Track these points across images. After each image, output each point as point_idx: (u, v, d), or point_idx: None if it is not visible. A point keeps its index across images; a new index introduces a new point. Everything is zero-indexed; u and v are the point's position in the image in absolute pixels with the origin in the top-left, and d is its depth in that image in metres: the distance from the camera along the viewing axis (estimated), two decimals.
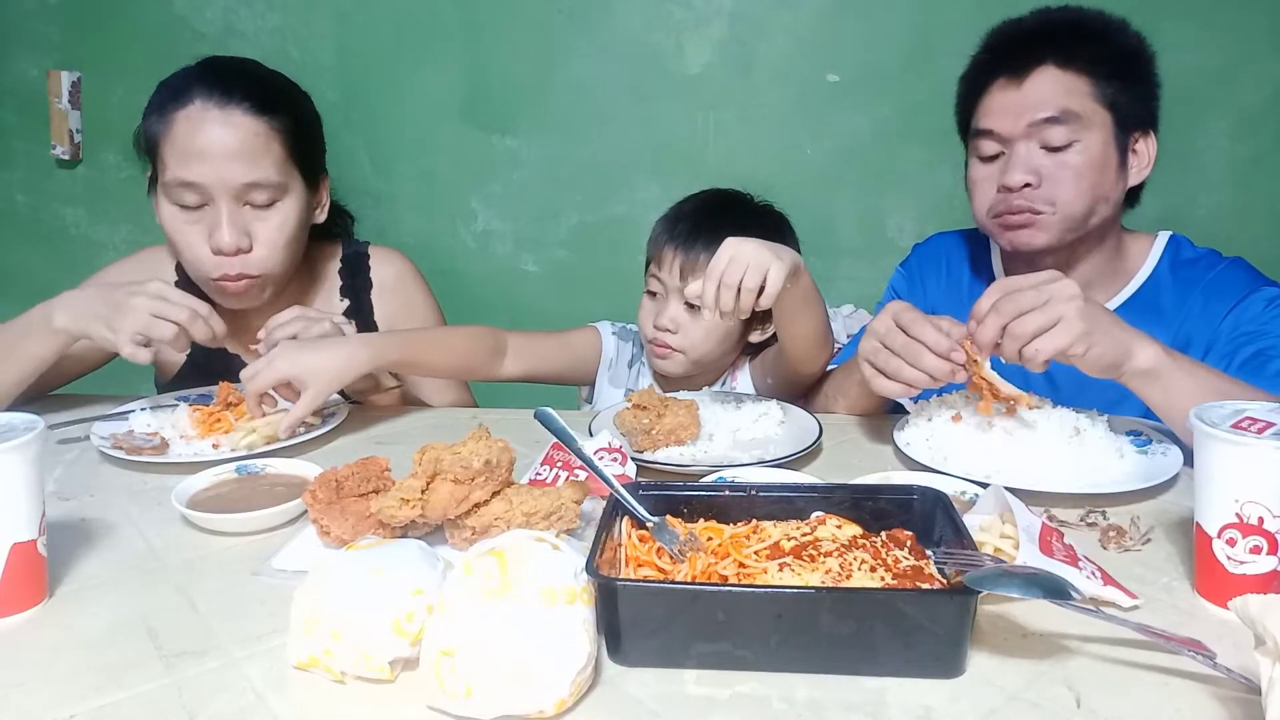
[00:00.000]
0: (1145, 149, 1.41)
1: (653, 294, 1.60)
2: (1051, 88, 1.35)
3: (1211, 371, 1.17)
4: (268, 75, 1.53)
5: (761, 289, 1.19)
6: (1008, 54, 1.39)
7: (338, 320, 1.40)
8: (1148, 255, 1.47)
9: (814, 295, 1.35)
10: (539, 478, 1.10)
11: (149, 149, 1.44)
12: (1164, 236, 1.49)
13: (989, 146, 1.40)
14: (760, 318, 1.61)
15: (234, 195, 1.40)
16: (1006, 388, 1.15)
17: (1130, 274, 1.47)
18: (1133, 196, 1.45)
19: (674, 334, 1.54)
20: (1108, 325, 1.09)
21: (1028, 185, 1.36)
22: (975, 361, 1.15)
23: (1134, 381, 1.11)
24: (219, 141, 1.38)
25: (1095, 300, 1.12)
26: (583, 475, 1.11)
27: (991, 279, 1.54)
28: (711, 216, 1.57)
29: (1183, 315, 1.40)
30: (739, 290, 1.19)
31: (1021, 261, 1.44)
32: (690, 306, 1.53)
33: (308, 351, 1.29)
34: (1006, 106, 1.37)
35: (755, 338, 1.62)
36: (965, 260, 1.62)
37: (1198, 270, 1.43)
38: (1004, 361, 1.12)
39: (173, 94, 1.42)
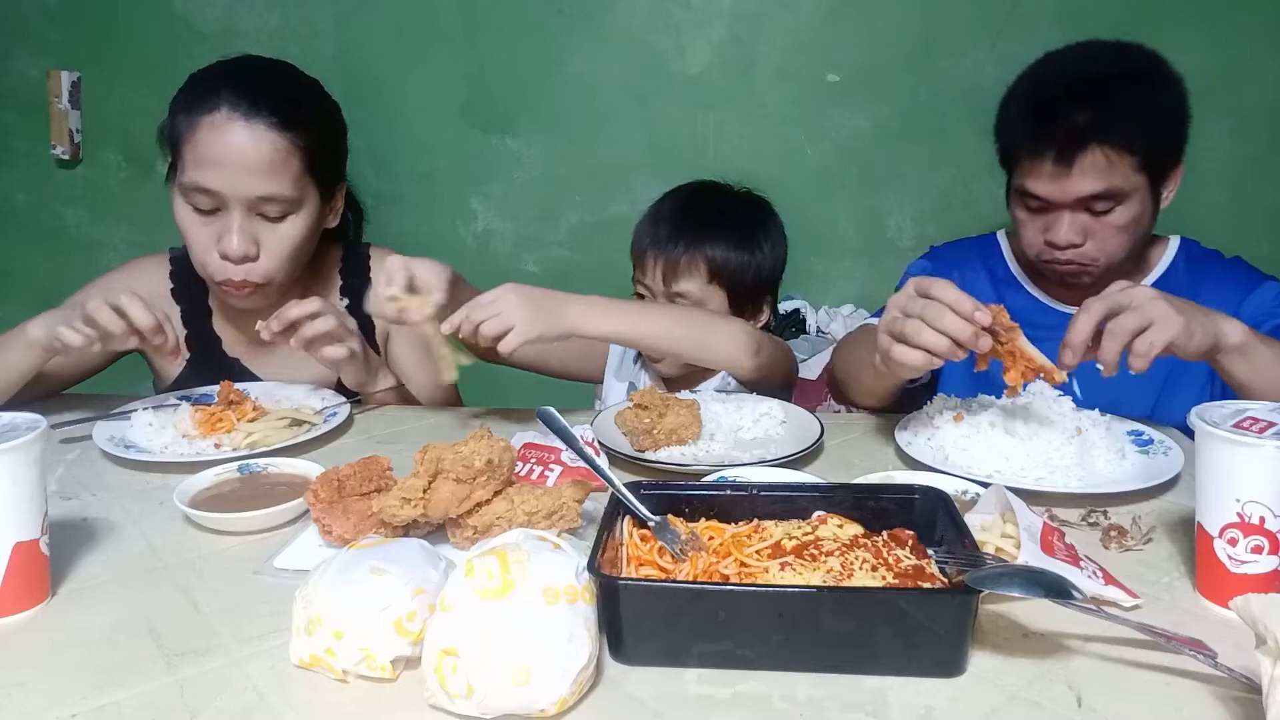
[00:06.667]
0: (1175, 176, 1.47)
1: (640, 298, 1.60)
2: (1098, 169, 1.37)
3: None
4: (298, 85, 1.51)
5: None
6: (1056, 137, 1.36)
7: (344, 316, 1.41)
8: (1164, 255, 1.56)
9: None
10: (518, 472, 1.09)
11: (171, 143, 1.44)
12: (1176, 240, 1.57)
13: (1034, 202, 1.44)
14: (752, 307, 1.60)
15: (247, 205, 1.40)
16: (1040, 359, 1.09)
17: (1149, 269, 1.55)
18: None
19: None
20: (1197, 312, 1.12)
21: (1074, 246, 1.42)
22: (1013, 328, 1.09)
23: (1227, 358, 1.14)
24: (239, 153, 1.37)
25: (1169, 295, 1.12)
26: (558, 469, 1.11)
27: (1011, 283, 1.59)
28: (690, 214, 1.57)
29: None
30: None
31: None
32: (676, 297, 1.54)
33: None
34: (1053, 184, 1.39)
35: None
36: (981, 267, 1.63)
37: (1207, 265, 1.54)
38: (1100, 367, 1.09)
39: (201, 95, 1.40)
